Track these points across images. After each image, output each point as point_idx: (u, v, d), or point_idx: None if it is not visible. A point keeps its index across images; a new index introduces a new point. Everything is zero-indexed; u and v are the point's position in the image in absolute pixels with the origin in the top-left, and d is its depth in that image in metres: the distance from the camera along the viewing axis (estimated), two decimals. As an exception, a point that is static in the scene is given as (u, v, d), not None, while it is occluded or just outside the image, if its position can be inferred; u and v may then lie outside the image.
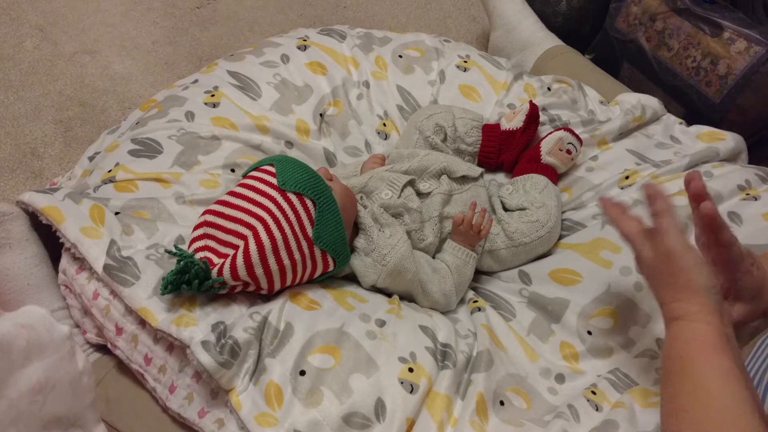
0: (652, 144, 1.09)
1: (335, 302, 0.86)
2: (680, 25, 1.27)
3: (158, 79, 1.46)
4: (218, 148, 1.00)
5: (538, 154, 1.06)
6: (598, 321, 0.90)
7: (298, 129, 1.08)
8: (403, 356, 0.80)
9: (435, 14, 1.72)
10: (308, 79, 1.13)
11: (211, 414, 0.78)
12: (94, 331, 0.87)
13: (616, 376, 0.85)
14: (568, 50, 1.36)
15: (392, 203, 0.93)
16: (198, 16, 1.61)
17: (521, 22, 1.41)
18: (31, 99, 1.38)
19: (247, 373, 0.77)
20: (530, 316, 0.93)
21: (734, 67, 1.20)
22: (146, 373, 0.82)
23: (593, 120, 1.13)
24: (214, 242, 0.81)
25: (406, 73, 1.18)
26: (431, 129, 1.06)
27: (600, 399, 0.81)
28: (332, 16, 1.67)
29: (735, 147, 1.07)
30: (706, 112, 1.26)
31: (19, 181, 1.25)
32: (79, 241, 0.84)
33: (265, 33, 1.58)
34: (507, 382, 0.83)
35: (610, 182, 1.03)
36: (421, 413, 0.77)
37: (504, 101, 1.17)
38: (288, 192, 0.81)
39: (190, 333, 0.77)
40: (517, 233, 0.97)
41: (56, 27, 1.52)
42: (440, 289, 0.92)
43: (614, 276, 0.91)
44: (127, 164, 0.96)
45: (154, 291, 0.81)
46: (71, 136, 1.33)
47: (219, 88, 1.08)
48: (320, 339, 0.80)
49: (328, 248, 0.84)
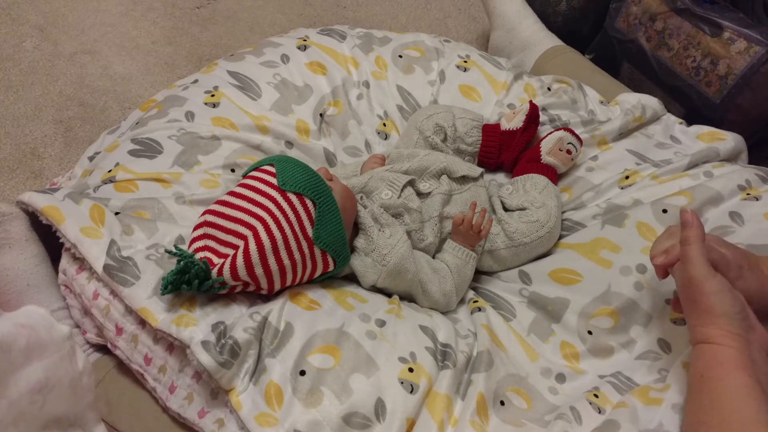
0: (652, 144, 1.09)
1: (335, 302, 0.86)
2: (680, 25, 1.27)
3: (158, 79, 1.46)
4: (218, 148, 1.00)
5: (538, 154, 1.06)
6: (598, 321, 0.90)
7: (298, 129, 1.08)
8: (403, 356, 0.80)
9: (435, 14, 1.72)
10: (308, 79, 1.13)
11: (211, 414, 0.78)
12: (94, 331, 0.87)
13: (618, 379, 0.85)
14: (568, 50, 1.36)
15: (392, 203, 0.93)
16: (198, 16, 1.61)
17: (521, 22, 1.41)
18: (31, 99, 1.37)
19: (247, 373, 0.77)
20: (530, 316, 0.93)
21: (734, 67, 1.20)
22: (146, 373, 0.82)
23: (593, 120, 1.13)
24: (214, 242, 0.81)
25: (406, 73, 1.18)
26: (431, 129, 1.06)
27: (602, 402, 0.81)
28: (332, 16, 1.67)
29: (735, 147, 1.07)
30: (706, 112, 1.26)
31: (19, 181, 1.25)
32: (79, 241, 0.84)
33: (265, 33, 1.58)
34: (507, 382, 0.83)
35: (610, 182, 1.03)
36: (421, 413, 0.77)
37: (504, 101, 1.17)
38: (288, 192, 0.81)
39: (190, 333, 0.77)
40: (517, 233, 0.97)
41: (56, 27, 1.52)
42: (440, 289, 0.92)
43: (614, 276, 0.91)
44: (127, 164, 0.96)
45: (154, 291, 0.81)
46: (71, 136, 1.33)
47: (219, 88, 1.08)
48: (320, 339, 0.80)
49: (328, 248, 0.84)
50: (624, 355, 0.88)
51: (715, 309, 0.69)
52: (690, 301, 0.72)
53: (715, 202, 0.95)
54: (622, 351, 0.88)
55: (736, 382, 0.65)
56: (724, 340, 0.68)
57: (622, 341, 0.89)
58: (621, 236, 0.94)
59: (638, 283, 0.89)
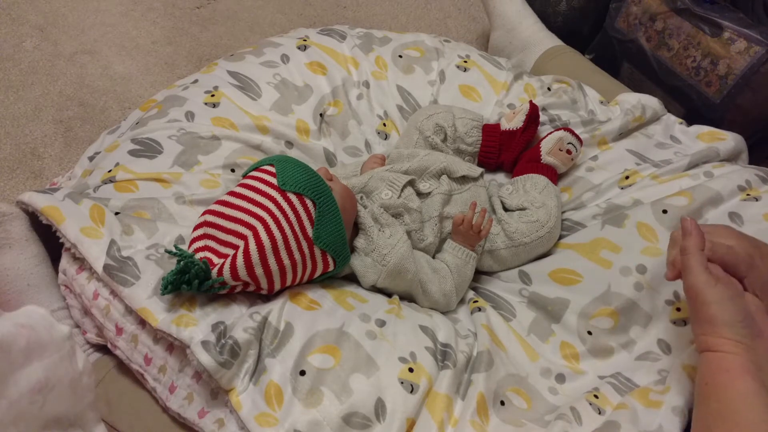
0: (652, 144, 1.09)
1: (335, 302, 0.86)
2: (680, 25, 1.27)
3: (158, 79, 1.46)
4: (218, 148, 1.00)
5: (538, 154, 1.06)
6: (598, 321, 0.90)
7: (298, 129, 1.08)
8: (403, 356, 0.80)
9: (435, 14, 1.71)
10: (308, 79, 1.13)
11: (211, 414, 0.78)
12: (94, 331, 0.87)
13: (618, 380, 0.85)
14: (568, 50, 1.36)
15: (392, 203, 0.93)
16: (198, 16, 1.61)
17: (521, 22, 1.41)
18: (31, 99, 1.37)
19: (247, 373, 0.77)
20: (530, 316, 0.93)
21: (734, 67, 1.20)
22: (146, 373, 0.82)
23: (593, 120, 1.13)
24: (214, 242, 0.81)
25: (406, 73, 1.18)
26: (431, 129, 1.06)
27: (602, 403, 0.81)
28: (332, 16, 1.67)
29: (735, 147, 1.07)
30: (706, 112, 1.26)
31: (19, 181, 1.25)
32: (79, 241, 0.84)
33: (265, 33, 1.58)
34: (507, 382, 0.83)
35: (610, 182, 1.03)
36: (421, 413, 0.77)
37: (504, 101, 1.17)
38: (288, 192, 0.81)
39: (190, 333, 0.77)
40: (517, 233, 0.97)
41: (56, 27, 1.52)
42: (440, 289, 0.92)
43: (614, 276, 0.91)
44: (127, 164, 0.96)
45: (154, 291, 0.81)
46: (71, 136, 1.33)
47: (219, 88, 1.08)
48: (320, 339, 0.80)
49: (328, 248, 0.84)
50: (624, 355, 0.88)
51: (717, 318, 0.69)
52: (693, 310, 0.72)
53: (714, 203, 0.95)
54: (621, 351, 0.88)
55: (742, 387, 0.65)
56: (727, 348, 0.68)
57: (621, 342, 0.89)
58: (621, 236, 0.94)
59: (638, 284, 0.89)
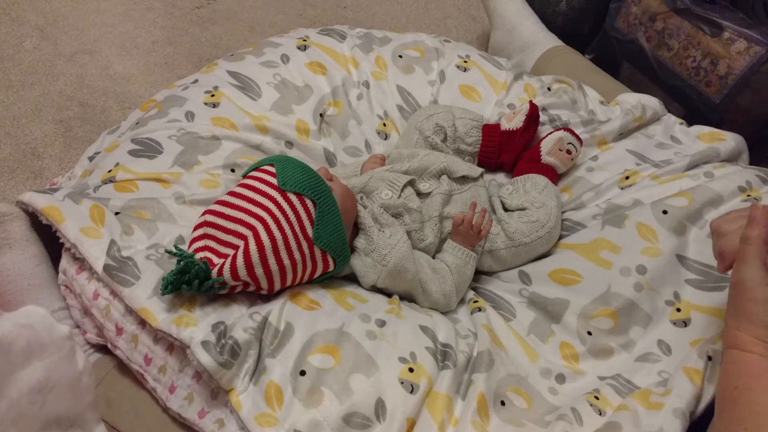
0: (653, 144, 1.09)
1: (335, 302, 0.86)
2: (680, 25, 1.27)
3: (158, 79, 1.46)
4: (218, 148, 1.00)
5: (538, 154, 1.06)
6: (598, 321, 0.90)
7: (298, 129, 1.08)
8: (403, 356, 0.80)
9: (435, 14, 1.72)
10: (308, 79, 1.13)
11: (211, 414, 0.78)
12: (94, 331, 0.87)
13: (619, 382, 0.85)
14: (568, 50, 1.36)
15: (392, 203, 0.93)
16: (198, 16, 1.61)
17: (521, 23, 1.41)
18: (31, 99, 1.38)
19: (247, 374, 0.77)
20: (530, 316, 0.93)
21: (734, 67, 1.20)
22: (146, 374, 0.82)
23: (593, 120, 1.13)
24: (214, 242, 0.81)
25: (406, 73, 1.18)
26: (431, 129, 1.06)
27: (603, 404, 0.81)
28: (332, 16, 1.67)
29: (736, 147, 1.07)
30: (706, 112, 1.26)
31: (19, 181, 1.25)
32: (79, 241, 0.84)
33: (265, 33, 1.58)
34: (507, 382, 0.83)
35: (610, 182, 1.03)
36: (421, 413, 0.77)
37: (504, 101, 1.17)
38: (288, 192, 0.81)
39: (190, 333, 0.77)
40: (517, 233, 0.97)
41: (56, 27, 1.52)
42: (440, 289, 0.92)
43: (614, 276, 0.91)
44: (127, 164, 0.96)
45: (154, 291, 0.81)
46: (71, 136, 1.33)
47: (219, 88, 1.08)
48: (320, 339, 0.80)
49: (328, 248, 0.84)
50: (624, 356, 0.88)
51: (758, 318, 0.66)
52: (736, 302, 0.69)
53: (715, 204, 0.95)
54: (621, 352, 0.88)
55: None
56: (758, 349, 0.65)
57: (621, 342, 0.89)
58: (621, 237, 0.94)
59: (638, 284, 0.89)
